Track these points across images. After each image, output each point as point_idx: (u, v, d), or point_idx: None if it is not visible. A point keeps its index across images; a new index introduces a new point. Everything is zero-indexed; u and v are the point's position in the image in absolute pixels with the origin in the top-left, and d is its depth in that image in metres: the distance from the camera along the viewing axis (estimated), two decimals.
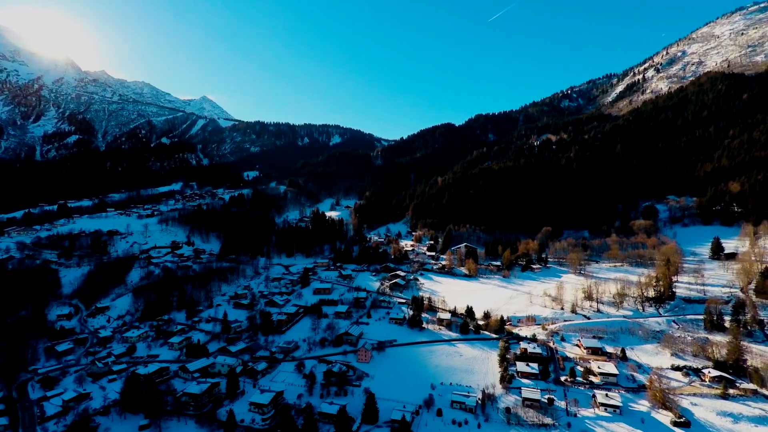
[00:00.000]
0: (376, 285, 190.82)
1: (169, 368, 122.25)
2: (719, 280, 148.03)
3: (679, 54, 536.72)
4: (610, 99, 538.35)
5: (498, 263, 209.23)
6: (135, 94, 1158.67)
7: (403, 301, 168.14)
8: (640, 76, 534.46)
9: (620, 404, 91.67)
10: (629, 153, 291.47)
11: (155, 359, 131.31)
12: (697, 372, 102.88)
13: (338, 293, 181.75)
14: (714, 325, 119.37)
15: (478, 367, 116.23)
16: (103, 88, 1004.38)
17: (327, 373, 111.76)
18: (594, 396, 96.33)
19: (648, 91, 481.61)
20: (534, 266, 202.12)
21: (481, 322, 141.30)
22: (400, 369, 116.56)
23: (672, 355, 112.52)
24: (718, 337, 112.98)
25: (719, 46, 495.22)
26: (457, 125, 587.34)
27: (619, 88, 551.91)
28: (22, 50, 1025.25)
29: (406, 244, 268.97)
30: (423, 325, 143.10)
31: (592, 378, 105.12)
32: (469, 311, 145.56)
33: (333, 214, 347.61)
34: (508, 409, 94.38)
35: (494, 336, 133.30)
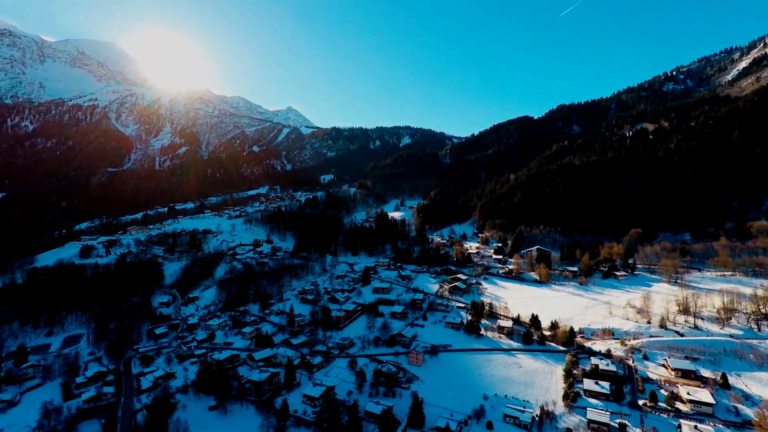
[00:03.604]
0: (435, 287, 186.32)
1: (239, 356, 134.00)
2: None
3: None
4: (729, 78, 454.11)
5: (574, 269, 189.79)
6: (232, 108, 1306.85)
7: (462, 305, 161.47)
8: None
9: None
10: (751, 141, 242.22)
11: (229, 347, 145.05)
12: None
13: (396, 293, 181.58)
14: None
15: (539, 381, 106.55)
16: (206, 104, 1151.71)
17: (377, 372, 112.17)
18: (679, 426, 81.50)
19: None
20: (618, 273, 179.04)
21: (547, 333, 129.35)
22: (452, 375, 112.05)
23: None
24: None
25: None
26: (535, 118, 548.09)
27: (743, 64, 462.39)
28: (148, 78, 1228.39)
29: (471, 246, 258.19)
30: (481, 332, 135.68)
31: (680, 405, 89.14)
32: (534, 320, 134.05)
33: (397, 215, 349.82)
34: (569, 430, 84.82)
35: (561, 348, 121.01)
